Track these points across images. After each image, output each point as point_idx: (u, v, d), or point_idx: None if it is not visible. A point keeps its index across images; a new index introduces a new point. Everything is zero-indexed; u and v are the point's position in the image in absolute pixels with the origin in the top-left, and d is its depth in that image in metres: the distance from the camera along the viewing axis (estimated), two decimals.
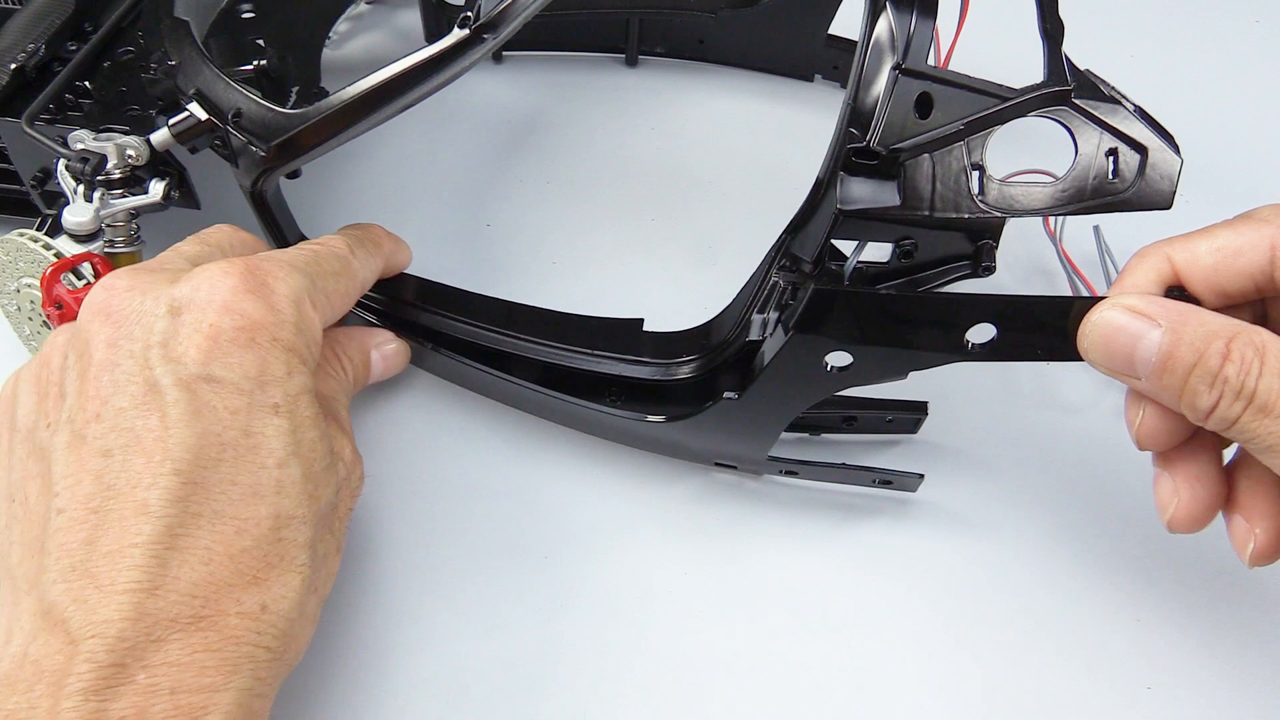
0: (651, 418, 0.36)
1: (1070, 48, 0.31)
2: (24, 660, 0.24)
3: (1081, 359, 0.28)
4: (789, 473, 0.38)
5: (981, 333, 0.29)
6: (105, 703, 0.23)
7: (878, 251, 0.32)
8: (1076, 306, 0.28)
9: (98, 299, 0.29)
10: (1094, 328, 0.28)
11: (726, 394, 0.33)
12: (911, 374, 0.31)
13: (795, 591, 0.36)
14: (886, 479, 0.37)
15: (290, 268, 0.31)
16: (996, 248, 0.32)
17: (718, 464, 0.39)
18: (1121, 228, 0.39)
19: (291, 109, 0.35)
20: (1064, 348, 0.29)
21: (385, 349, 0.39)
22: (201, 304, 0.29)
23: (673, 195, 0.49)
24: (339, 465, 0.32)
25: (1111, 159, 0.31)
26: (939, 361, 0.30)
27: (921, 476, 0.37)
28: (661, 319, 0.38)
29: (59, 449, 0.27)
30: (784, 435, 0.36)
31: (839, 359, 0.31)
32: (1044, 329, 0.29)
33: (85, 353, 0.28)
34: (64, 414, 0.28)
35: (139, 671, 0.24)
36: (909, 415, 0.39)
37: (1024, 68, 0.34)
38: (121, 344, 0.28)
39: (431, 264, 0.41)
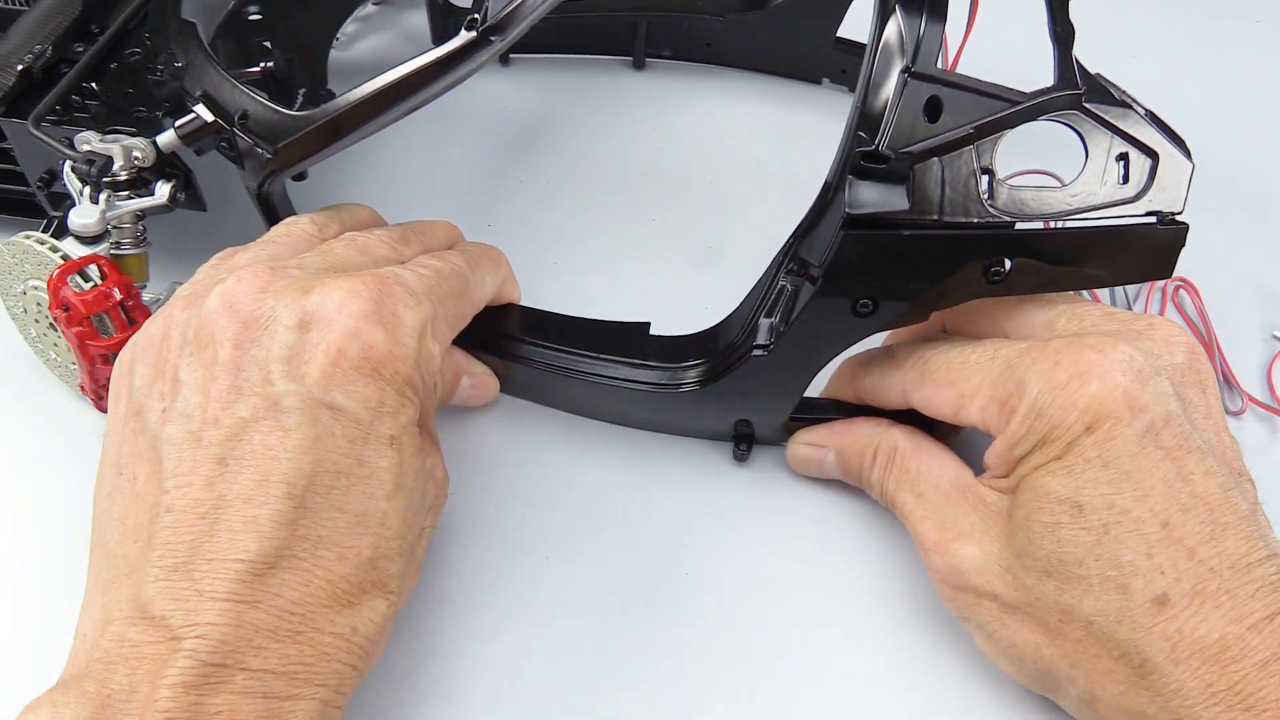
0: (685, 385, 0.36)
1: (1074, 49, 0.31)
2: (123, 642, 0.25)
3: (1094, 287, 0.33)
4: None
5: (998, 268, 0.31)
6: (203, 697, 0.24)
7: None
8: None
9: (230, 292, 0.29)
10: (791, 459, 0.38)
11: (755, 351, 0.34)
12: None
13: (800, 591, 0.36)
14: None
15: (418, 296, 0.31)
16: None
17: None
18: None
19: (298, 111, 0.35)
20: (1073, 278, 0.32)
21: (475, 374, 0.38)
22: (329, 323, 0.28)
23: (678, 197, 0.49)
24: (431, 488, 0.32)
25: (1122, 164, 0.31)
26: (960, 298, 0.32)
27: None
28: (665, 322, 0.38)
29: (172, 442, 0.27)
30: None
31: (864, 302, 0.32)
32: (1056, 262, 0.31)
33: (208, 345, 0.28)
34: (178, 404, 0.28)
35: (238, 673, 0.25)
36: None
37: (1034, 71, 0.34)
38: (248, 349, 0.28)
39: None
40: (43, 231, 0.36)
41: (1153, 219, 0.31)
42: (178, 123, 0.36)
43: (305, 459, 0.27)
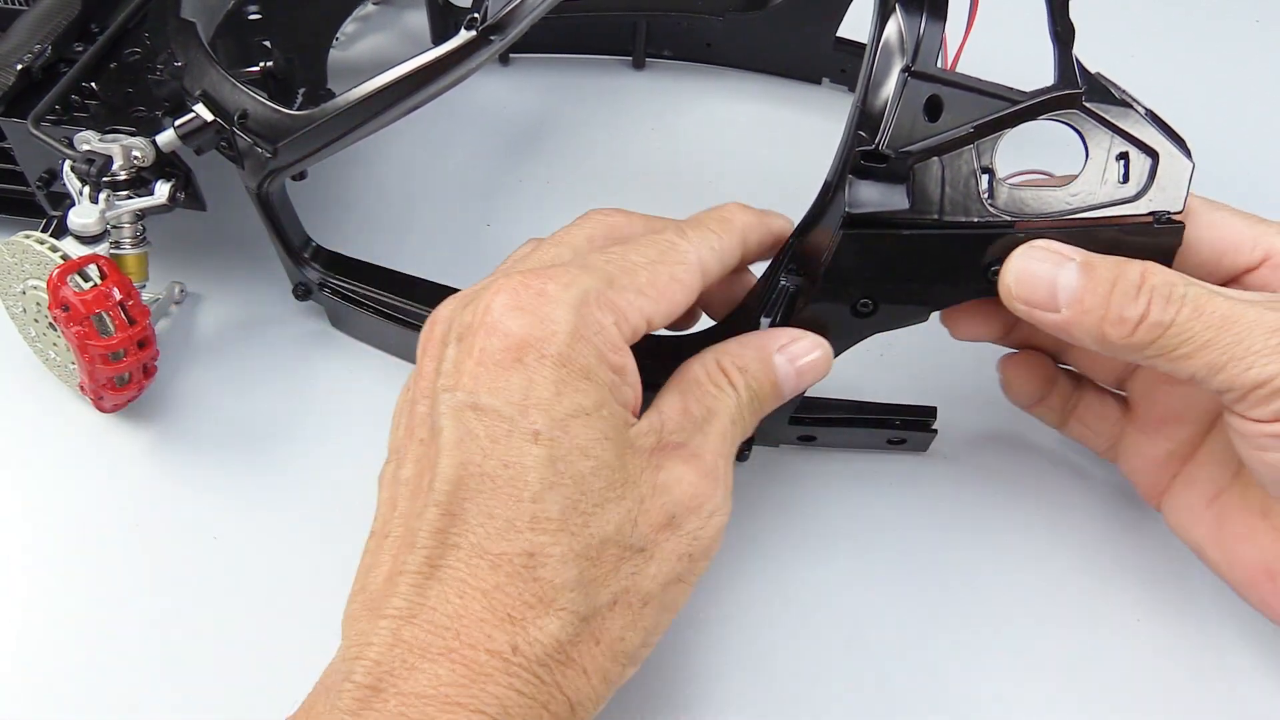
0: None
1: (1074, 49, 0.31)
2: (331, 669, 0.26)
3: None
4: (805, 438, 0.38)
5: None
6: None
7: None
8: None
9: (429, 328, 0.30)
10: (1014, 274, 0.30)
11: None
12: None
13: (799, 591, 0.36)
14: (900, 438, 0.38)
15: (577, 270, 0.29)
16: None
17: None
18: None
19: (298, 110, 0.35)
20: None
21: (796, 353, 0.32)
22: (473, 326, 0.28)
23: (677, 198, 0.49)
24: (664, 500, 0.27)
25: (1122, 163, 0.31)
26: (960, 297, 0.32)
27: (934, 432, 0.38)
28: None
29: (386, 473, 0.29)
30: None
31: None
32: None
33: (415, 384, 0.30)
34: (393, 440, 0.30)
35: (391, 698, 0.24)
36: (918, 419, 0.38)
37: (1034, 71, 0.33)
38: (428, 375, 0.29)
39: (430, 263, 0.41)
40: (42, 231, 0.36)
41: (1150, 218, 0.31)
42: (177, 122, 0.36)
43: (449, 465, 0.26)
